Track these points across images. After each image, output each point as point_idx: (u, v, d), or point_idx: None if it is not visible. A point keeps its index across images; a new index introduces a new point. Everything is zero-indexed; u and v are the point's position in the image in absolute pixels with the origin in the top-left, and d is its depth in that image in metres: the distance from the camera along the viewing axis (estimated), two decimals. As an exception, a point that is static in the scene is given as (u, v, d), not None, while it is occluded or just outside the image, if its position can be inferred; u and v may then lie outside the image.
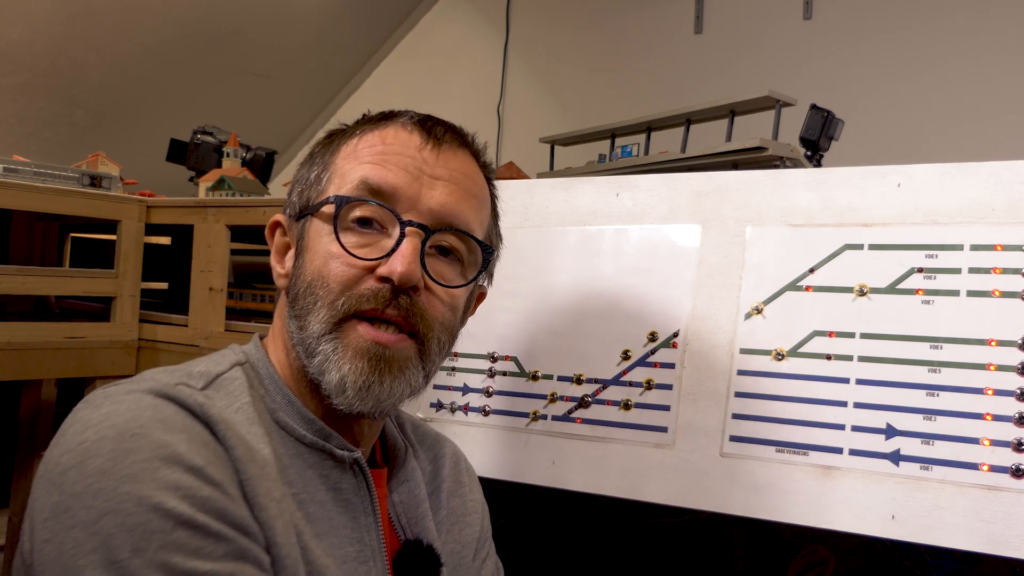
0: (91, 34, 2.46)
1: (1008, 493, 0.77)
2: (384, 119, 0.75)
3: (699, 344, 0.96)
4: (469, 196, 0.73)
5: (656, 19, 2.72)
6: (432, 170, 0.71)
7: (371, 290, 0.67)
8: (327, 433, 0.70)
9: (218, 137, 2.09)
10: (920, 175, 0.91)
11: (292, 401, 0.70)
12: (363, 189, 0.69)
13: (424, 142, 0.72)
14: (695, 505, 0.90)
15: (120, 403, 0.59)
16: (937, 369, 0.84)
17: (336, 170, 0.73)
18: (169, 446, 0.57)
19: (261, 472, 0.62)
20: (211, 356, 0.73)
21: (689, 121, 1.54)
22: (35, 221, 2.08)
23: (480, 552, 0.85)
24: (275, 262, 0.76)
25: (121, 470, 0.55)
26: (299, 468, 0.67)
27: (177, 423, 0.59)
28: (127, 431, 0.57)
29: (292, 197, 0.76)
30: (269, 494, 0.61)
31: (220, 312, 1.66)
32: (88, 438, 0.56)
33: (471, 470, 0.90)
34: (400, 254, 0.67)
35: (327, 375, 0.67)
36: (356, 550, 0.68)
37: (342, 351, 0.66)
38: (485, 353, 1.09)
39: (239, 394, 0.67)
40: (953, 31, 2.17)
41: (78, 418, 0.59)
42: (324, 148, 0.76)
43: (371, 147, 0.72)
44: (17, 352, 1.57)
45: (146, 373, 0.66)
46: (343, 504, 0.69)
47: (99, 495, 0.54)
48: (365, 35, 3.27)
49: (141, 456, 0.55)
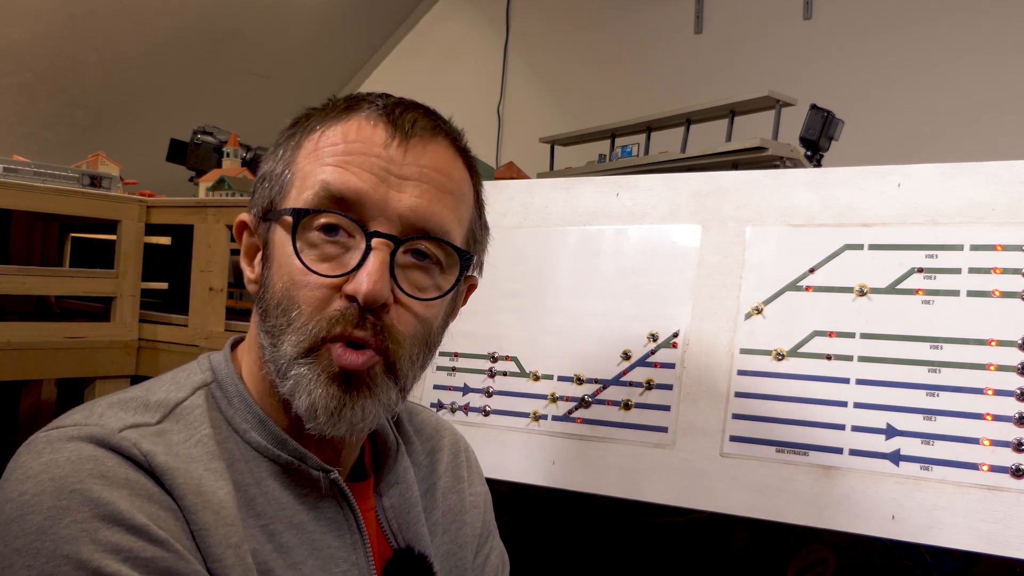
0: (91, 34, 2.47)
1: (1008, 493, 0.77)
2: (348, 108, 0.68)
3: (699, 344, 0.96)
4: (443, 194, 0.67)
5: (656, 19, 2.72)
6: (400, 169, 0.65)
7: (339, 311, 0.63)
8: (301, 453, 0.66)
9: (218, 137, 2.09)
10: (920, 175, 0.91)
11: (263, 420, 0.66)
12: (324, 196, 0.63)
13: (391, 137, 0.65)
14: (695, 505, 0.90)
15: (60, 452, 0.56)
16: (937, 369, 0.84)
17: (298, 170, 0.67)
18: (109, 504, 0.54)
19: (215, 519, 0.58)
20: (175, 375, 0.69)
21: (689, 121, 1.54)
22: (35, 221, 2.08)
23: (482, 549, 0.82)
24: (244, 265, 0.71)
25: (59, 530, 0.53)
26: (272, 493, 0.64)
27: (119, 477, 0.56)
28: (65, 487, 0.54)
29: (256, 195, 0.70)
30: (225, 541, 0.58)
31: (220, 312, 1.66)
32: (28, 490, 0.54)
33: (472, 460, 0.86)
34: (365, 271, 0.62)
35: (298, 399, 0.63)
36: (343, 570, 0.65)
37: (315, 376, 0.63)
38: (485, 353, 1.09)
39: (199, 425, 0.63)
40: (953, 31, 2.17)
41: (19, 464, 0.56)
42: (287, 140, 0.69)
43: (332, 145, 0.65)
44: (17, 352, 1.57)
45: (99, 404, 0.62)
46: (326, 523, 0.66)
47: (38, 555, 0.52)
48: (365, 35, 3.27)
49: (79, 515, 0.53)
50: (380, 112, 0.67)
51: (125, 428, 0.59)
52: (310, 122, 0.69)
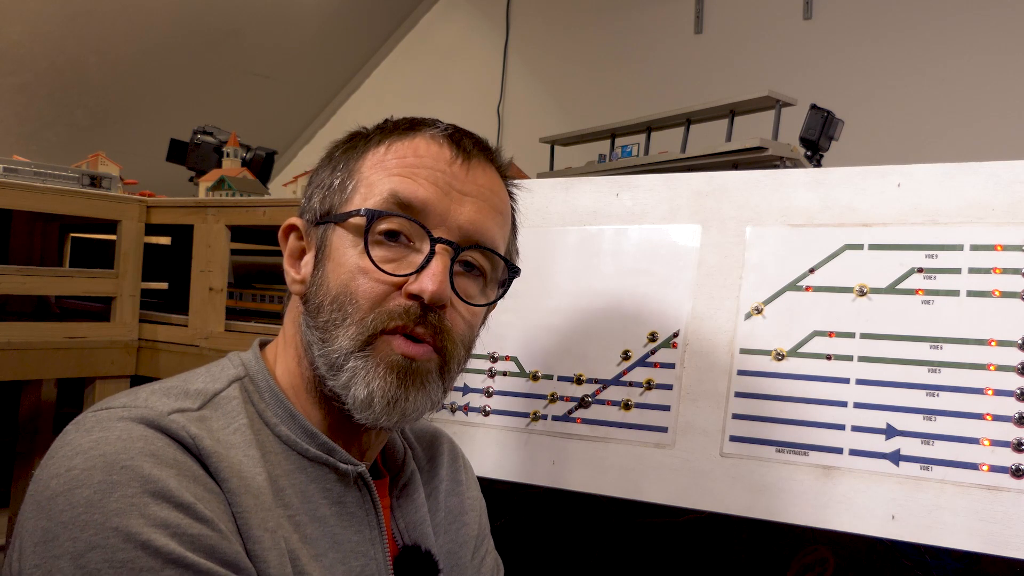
0: (91, 34, 2.47)
1: (1008, 493, 0.77)
2: (412, 128, 0.73)
3: (699, 344, 0.96)
4: (495, 212, 0.72)
5: (656, 19, 2.72)
6: (462, 186, 0.70)
7: (401, 307, 0.66)
8: (330, 447, 0.69)
9: (218, 137, 2.09)
10: (920, 175, 0.91)
11: (294, 415, 0.69)
12: (392, 202, 0.68)
13: (454, 156, 0.70)
14: (695, 505, 0.90)
15: (111, 431, 0.58)
16: (937, 369, 0.84)
17: (362, 179, 0.71)
18: (159, 481, 0.56)
19: (255, 503, 0.61)
20: (209, 368, 0.72)
21: (689, 121, 1.54)
22: (35, 221, 2.08)
23: (479, 550, 0.85)
24: (289, 266, 0.74)
25: (109, 503, 0.54)
26: (299, 485, 0.66)
27: (168, 457, 0.58)
28: (116, 462, 0.56)
29: (312, 202, 0.73)
30: (263, 525, 0.61)
31: (220, 312, 1.66)
32: (77, 465, 0.56)
33: (468, 466, 0.90)
34: (431, 272, 0.66)
35: (354, 389, 0.66)
36: (360, 564, 0.68)
37: (373, 367, 0.65)
38: (485, 353, 1.09)
39: (236, 415, 0.66)
40: (953, 31, 2.17)
41: (67, 441, 0.58)
42: (347, 153, 0.74)
43: (401, 158, 0.70)
44: (17, 352, 1.57)
45: (142, 391, 0.65)
46: (347, 518, 0.68)
47: (87, 527, 0.53)
48: (365, 35, 3.27)
49: (130, 490, 0.55)
50: (443, 133, 0.72)
51: (173, 412, 0.62)
52: (372, 137, 0.73)
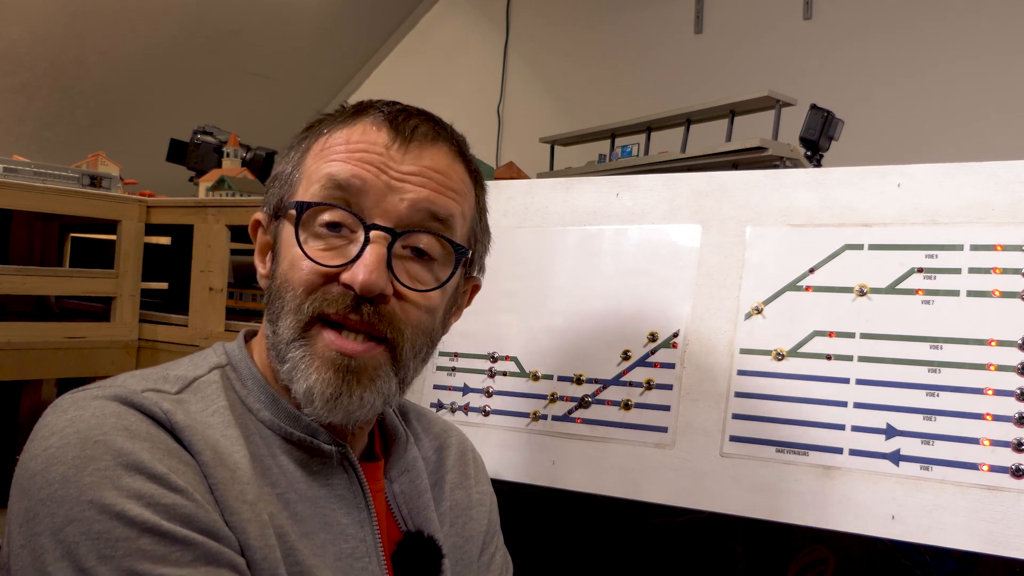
0: (91, 34, 2.47)
1: (1008, 493, 0.77)
2: (356, 113, 0.72)
3: (699, 344, 0.96)
4: (441, 190, 0.70)
5: (656, 19, 2.72)
6: (399, 168, 0.68)
7: (335, 294, 0.66)
8: (314, 429, 0.69)
9: (218, 137, 2.09)
10: (920, 175, 0.91)
11: (276, 399, 0.69)
12: (328, 187, 0.67)
13: (392, 140, 0.69)
14: (695, 505, 0.90)
15: (85, 409, 0.59)
16: (937, 369, 0.84)
17: (305, 170, 0.71)
18: (131, 454, 0.57)
19: (231, 476, 0.62)
20: (192, 357, 0.72)
21: (689, 121, 1.54)
22: (35, 221, 2.08)
23: (488, 547, 0.84)
24: (258, 262, 0.75)
25: (83, 478, 0.55)
26: (285, 466, 0.67)
27: (141, 431, 0.59)
28: (90, 438, 0.57)
29: (268, 195, 0.75)
30: (241, 497, 0.61)
31: (220, 312, 1.66)
32: (53, 444, 0.57)
33: (479, 462, 0.89)
34: (362, 262, 0.65)
35: (295, 384, 0.66)
36: (351, 546, 0.68)
37: (309, 360, 0.66)
38: (485, 353, 1.09)
39: (215, 398, 0.67)
40: (953, 31, 2.17)
41: (45, 423, 0.60)
42: (298, 143, 0.74)
43: (337, 145, 0.70)
44: (17, 352, 1.57)
45: (120, 377, 0.66)
46: (336, 500, 0.69)
47: (63, 503, 0.55)
48: (365, 35, 3.27)
49: (103, 464, 0.56)
50: (384, 117, 0.71)
51: (147, 391, 0.63)
52: (319, 126, 0.73)
